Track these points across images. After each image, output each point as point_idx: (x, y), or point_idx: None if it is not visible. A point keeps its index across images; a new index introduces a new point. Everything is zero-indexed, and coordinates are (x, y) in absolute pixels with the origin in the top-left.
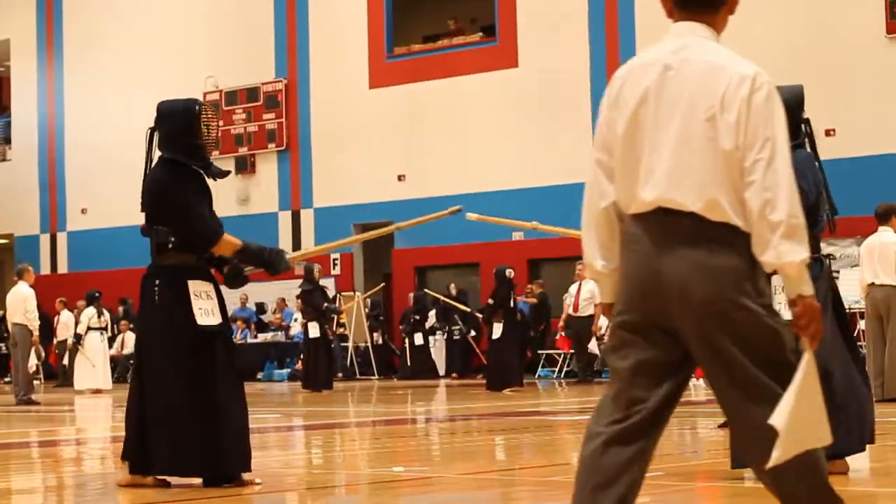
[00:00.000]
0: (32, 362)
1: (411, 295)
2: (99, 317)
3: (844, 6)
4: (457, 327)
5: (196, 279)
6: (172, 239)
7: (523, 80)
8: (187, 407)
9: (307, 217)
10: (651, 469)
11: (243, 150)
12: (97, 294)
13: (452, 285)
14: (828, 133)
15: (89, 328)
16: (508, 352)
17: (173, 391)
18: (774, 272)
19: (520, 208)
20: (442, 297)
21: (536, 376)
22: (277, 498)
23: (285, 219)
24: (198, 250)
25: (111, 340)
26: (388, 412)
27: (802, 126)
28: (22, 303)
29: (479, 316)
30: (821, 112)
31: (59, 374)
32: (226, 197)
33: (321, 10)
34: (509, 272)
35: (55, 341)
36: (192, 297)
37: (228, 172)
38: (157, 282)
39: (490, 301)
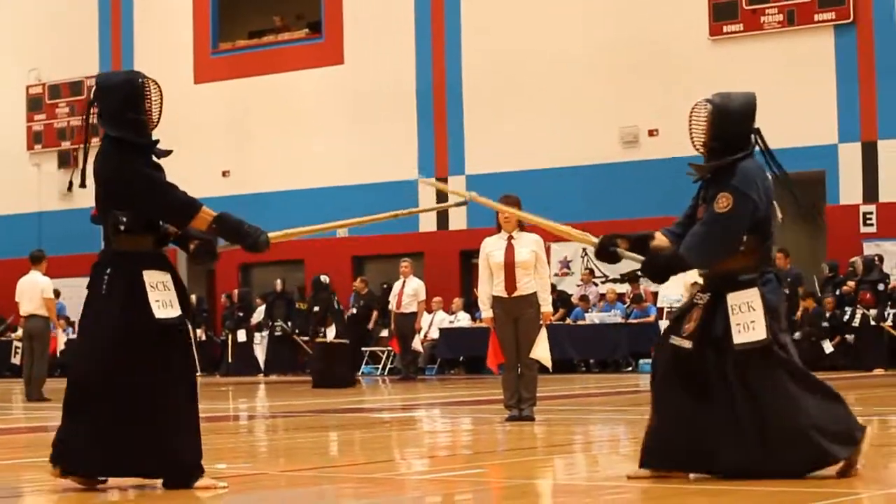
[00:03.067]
0: None
1: (236, 291)
2: None
3: (668, 8)
4: (278, 324)
5: (152, 269)
6: (124, 219)
7: (349, 77)
8: (135, 405)
9: None
10: (470, 466)
11: (66, 145)
12: None
13: (279, 281)
14: (651, 133)
15: None
16: (339, 354)
17: (122, 388)
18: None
19: (344, 205)
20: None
21: (360, 373)
22: (96, 497)
23: None
24: (176, 224)
25: None
26: (210, 409)
27: (752, 136)
28: None
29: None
30: (644, 112)
31: None
32: (49, 191)
33: (146, 4)
34: (324, 278)
35: None
36: (148, 287)
37: (171, 152)
38: (108, 270)
39: (315, 309)
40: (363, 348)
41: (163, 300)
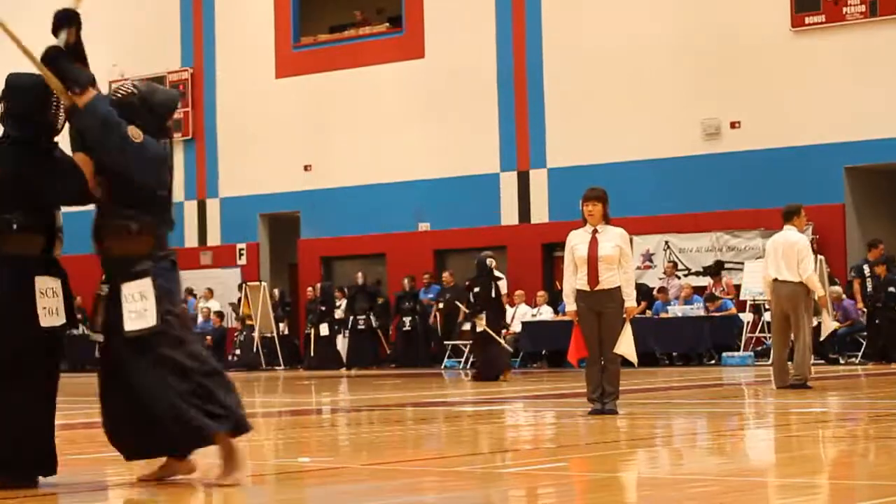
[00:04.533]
0: None
1: (318, 285)
2: None
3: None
4: (362, 317)
5: (44, 274)
6: (16, 219)
7: (430, 71)
8: (23, 406)
9: (213, 207)
10: (553, 460)
11: None
12: None
13: (360, 274)
14: (733, 125)
15: None
16: (492, 341)
17: (12, 390)
18: None
19: (426, 199)
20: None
21: (442, 367)
22: (182, 490)
23: (191, 208)
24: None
25: None
26: (293, 402)
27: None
28: None
29: (462, 307)
30: (726, 104)
31: None
32: None
33: None
34: (490, 261)
35: None
36: (38, 294)
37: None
38: None
39: (476, 290)
40: (446, 342)
41: (49, 307)
